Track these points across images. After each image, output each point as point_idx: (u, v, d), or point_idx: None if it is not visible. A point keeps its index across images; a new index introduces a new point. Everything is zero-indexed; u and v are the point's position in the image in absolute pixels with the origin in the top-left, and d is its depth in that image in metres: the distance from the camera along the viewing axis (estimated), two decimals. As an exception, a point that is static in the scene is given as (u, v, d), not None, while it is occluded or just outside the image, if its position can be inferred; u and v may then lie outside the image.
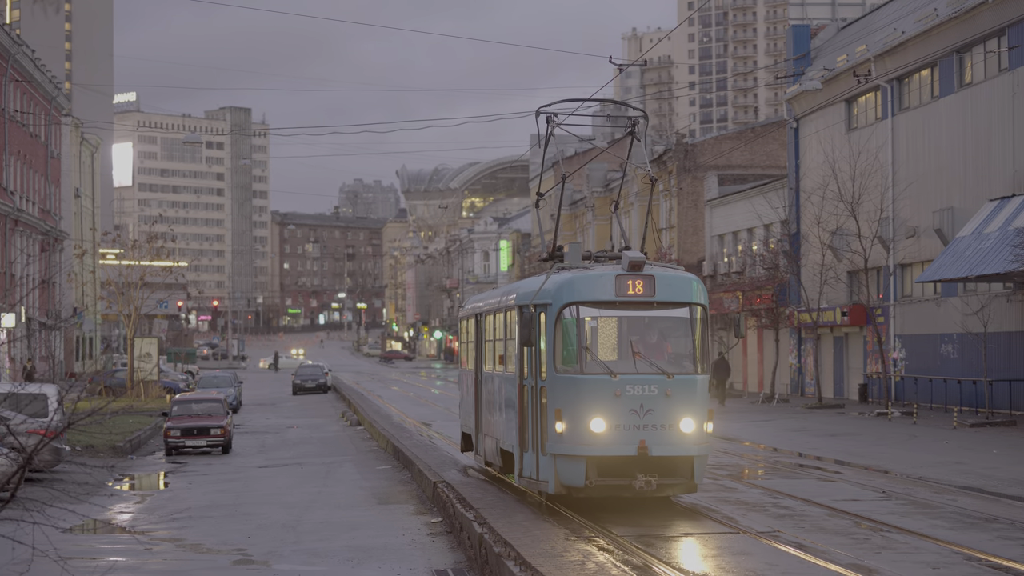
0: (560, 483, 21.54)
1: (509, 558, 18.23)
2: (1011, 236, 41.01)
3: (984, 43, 49.50)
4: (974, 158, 49.09)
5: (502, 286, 38.11)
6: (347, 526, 25.61)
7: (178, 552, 22.85)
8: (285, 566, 21.30)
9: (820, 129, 61.26)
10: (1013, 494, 25.60)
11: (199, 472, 37.23)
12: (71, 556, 17.83)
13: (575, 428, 21.14)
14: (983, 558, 18.39)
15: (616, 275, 21.91)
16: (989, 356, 45.89)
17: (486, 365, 27.92)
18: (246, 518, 27.07)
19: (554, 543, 19.61)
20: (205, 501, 30.41)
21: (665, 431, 21.17)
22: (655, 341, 22.42)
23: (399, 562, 21.23)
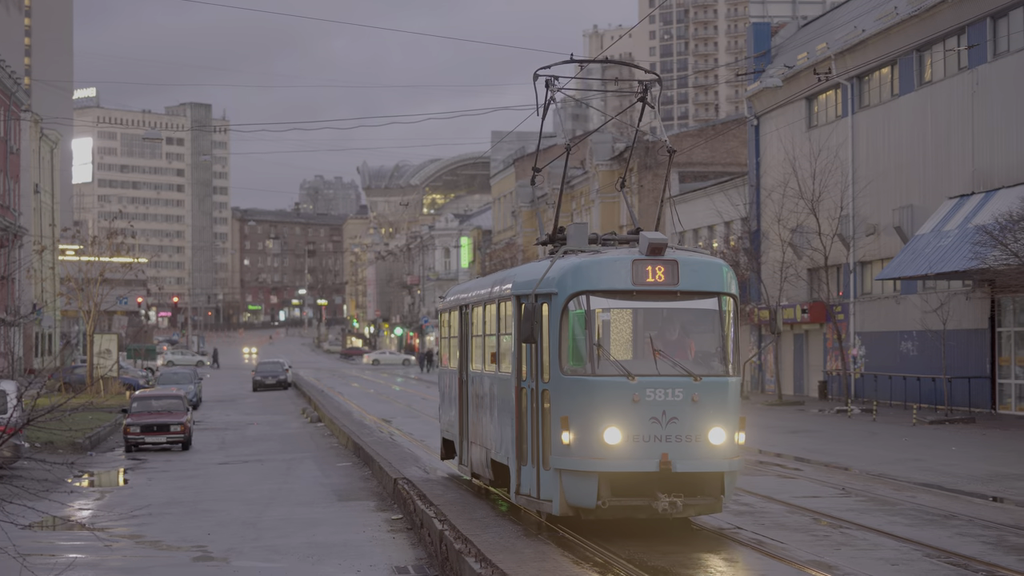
0: (567, 503, 18.38)
1: (470, 555, 18.24)
2: (970, 234, 41.22)
3: (944, 42, 49.74)
4: (934, 156, 49.35)
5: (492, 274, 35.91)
6: (307, 523, 25.57)
7: (138, 549, 22.76)
8: (245, 563, 21.27)
9: (780, 127, 61.46)
10: (971, 491, 25.74)
11: (159, 469, 37.10)
12: (30, 553, 17.77)
13: (585, 439, 18.02)
14: (942, 554, 18.53)
15: (633, 260, 18.59)
16: (948, 353, 46.14)
17: (473, 364, 24.43)
18: (206, 515, 27.00)
19: (514, 540, 19.62)
20: (165, 498, 30.28)
21: (691, 443, 18.01)
22: (679, 337, 19.08)
23: (359, 559, 21.20)
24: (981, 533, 20.68)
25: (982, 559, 18.09)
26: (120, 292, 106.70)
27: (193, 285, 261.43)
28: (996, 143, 45.34)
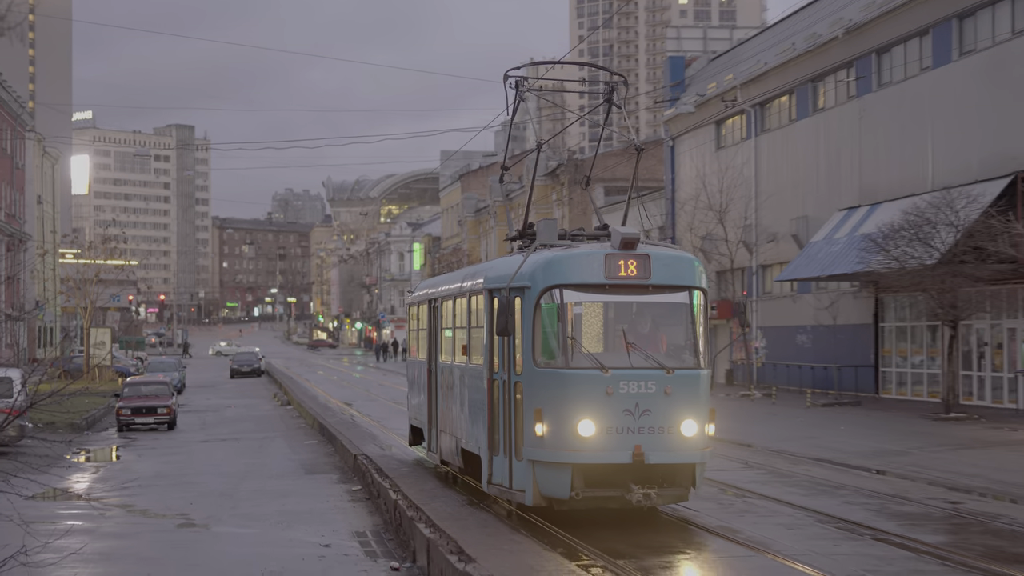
0: (540, 494, 16.74)
1: (420, 521, 18.20)
2: (857, 241, 41.52)
3: (835, 73, 50.09)
4: (826, 173, 49.68)
5: (461, 269, 33.90)
6: (278, 493, 25.46)
7: (129, 517, 22.63)
8: (223, 529, 21.16)
9: (693, 147, 61.67)
10: (858, 464, 25.92)
11: (147, 446, 36.88)
12: (33, 520, 17.63)
13: (559, 431, 16.28)
14: (831, 520, 18.64)
15: (606, 254, 16.89)
16: (837, 345, 46.47)
17: (442, 355, 22.36)
18: (189, 487, 26.85)
19: (459, 508, 19.61)
20: (152, 472, 30.15)
21: (664, 435, 16.35)
22: (651, 330, 17.28)
23: (324, 525, 21.12)
24: (866, 501, 20.83)
25: (866, 524, 18.22)
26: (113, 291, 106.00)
27: (178, 285, 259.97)
28: (880, 162, 45.68)
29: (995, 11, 40.14)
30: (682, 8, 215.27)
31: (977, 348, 41.22)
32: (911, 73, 44.79)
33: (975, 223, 36.06)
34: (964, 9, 41.25)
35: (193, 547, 19.62)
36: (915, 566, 15.26)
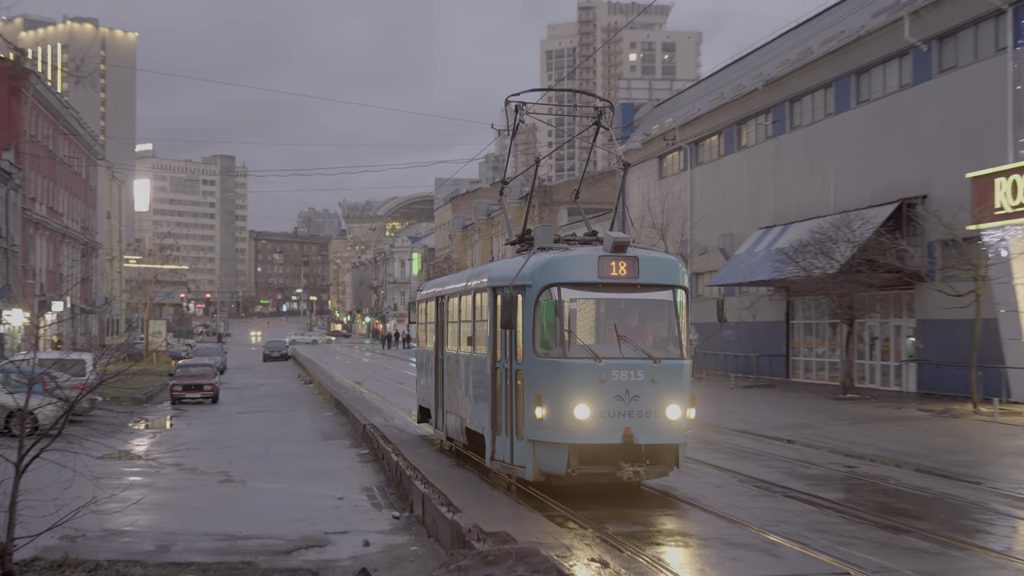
0: (539, 470, 15.71)
1: (417, 479, 18.18)
2: (773, 254, 41.67)
3: (755, 118, 50.25)
4: (748, 198, 49.79)
5: (464, 271, 32.29)
6: (301, 456, 25.45)
7: (179, 474, 22.62)
8: (256, 484, 21.16)
9: (640, 177, 61.67)
10: (772, 435, 25.97)
11: (195, 417, 36.83)
12: (102, 476, 17.56)
13: (557, 414, 15.27)
14: (751, 480, 18.68)
15: (599, 256, 15.89)
16: (756, 338, 46.56)
17: (448, 345, 21.03)
18: (229, 450, 26.84)
19: (448, 469, 19.66)
20: (199, 437, 30.13)
21: (651, 418, 15.34)
22: (639, 325, 16.30)
23: (338, 481, 21.11)
24: (779, 465, 20.87)
25: (779, 484, 18.28)
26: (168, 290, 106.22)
27: (220, 285, 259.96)
28: (791, 190, 45.82)
29: (885, 69, 40.37)
30: (632, 64, 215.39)
31: (869, 341, 41.41)
32: (817, 118, 44.97)
33: (868, 240, 36.23)
34: (861, 67, 41.47)
35: (232, 498, 19.64)
36: (818, 518, 15.31)
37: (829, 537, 13.78)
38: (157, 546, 14.73)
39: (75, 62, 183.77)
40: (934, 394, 35.73)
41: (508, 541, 13.08)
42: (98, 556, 13.10)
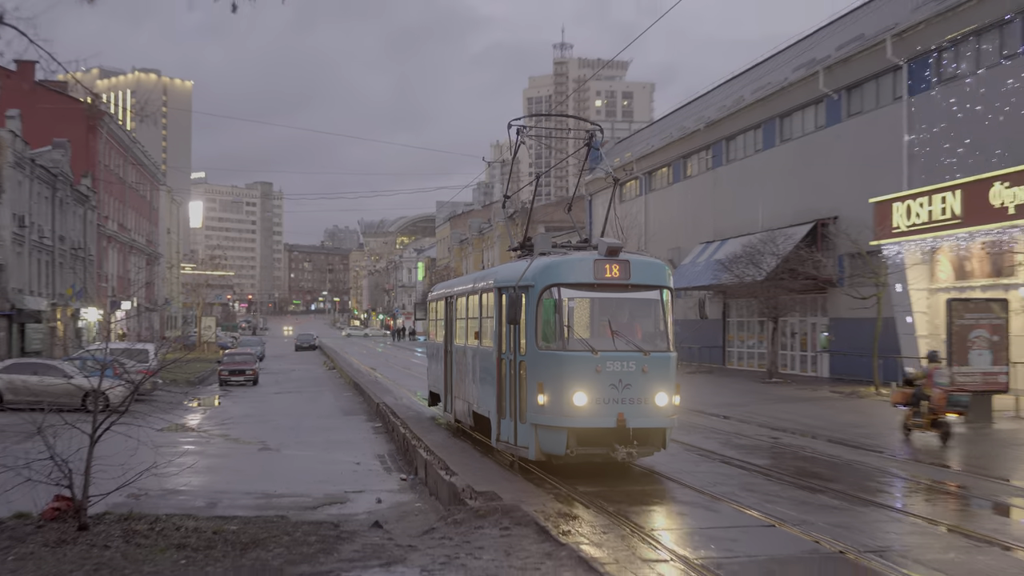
0: (541, 450, 14.62)
1: (420, 448, 18.15)
2: (712, 264, 41.73)
3: (698, 153, 50.32)
4: (692, 219, 49.83)
5: (470, 274, 29.35)
6: (326, 428, 25.40)
7: (225, 443, 22.54)
8: (289, 451, 21.11)
9: (603, 201, 61.71)
10: (714, 412, 25.96)
11: (239, 396, 36.70)
12: (161, 445, 17.50)
13: (557, 401, 14.22)
14: (695, 448, 18.67)
15: (595, 259, 14.87)
16: (699, 332, 46.55)
17: (456, 339, 19.82)
18: (266, 423, 26.75)
19: (447, 439, 19.59)
20: (242, 413, 30.02)
21: (641, 404, 14.31)
22: (630, 321, 15.25)
23: (356, 449, 21.07)
24: (717, 437, 20.86)
25: (717, 452, 18.28)
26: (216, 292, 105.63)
27: (260, 288, 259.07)
28: (727, 212, 45.90)
29: (804, 114, 40.51)
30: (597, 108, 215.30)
31: (790, 336, 41.47)
32: (748, 153, 45.06)
33: (789, 253, 36.33)
34: (783, 112, 41.62)
35: (269, 463, 19.56)
36: (749, 480, 15.31)
37: (758, 496, 13.78)
38: (207, 502, 14.67)
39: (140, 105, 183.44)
40: (843, 379, 35.85)
41: (495, 499, 13.07)
42: (158, 511, 13.03)
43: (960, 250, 30.84)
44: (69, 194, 56.56)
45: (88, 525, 11.38)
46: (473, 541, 11.06)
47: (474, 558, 10.23)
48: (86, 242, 61.04)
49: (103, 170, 66.27)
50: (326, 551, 10.93)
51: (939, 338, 30.22)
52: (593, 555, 10.08)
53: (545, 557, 10.07)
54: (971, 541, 10.95)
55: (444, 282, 22.25)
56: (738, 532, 11.61)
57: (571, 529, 11.45)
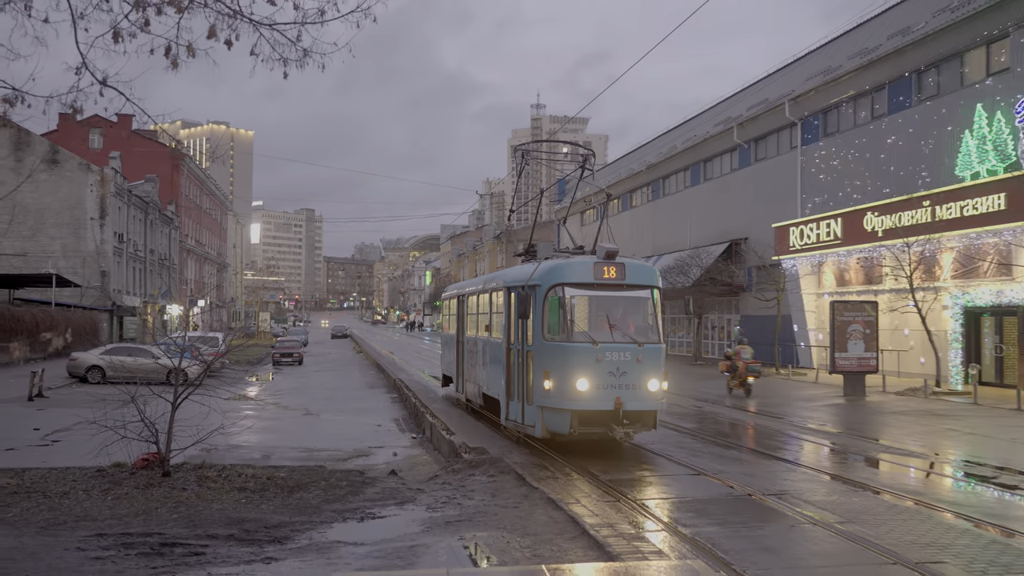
0: (546, 429, 13.11)
1: (427, 413, 18.07)
2: (651, 274, 41.73)
3: (641, 189, 50.31)
4: (637, 239, 49.79)
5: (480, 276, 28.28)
6: (355, 399, 25.25)
7: (277, 410, 22.35)
8: (327, 416, 20.97)
9: (570, 225, 61.65)
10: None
11: (287, 374, 36.46)
12: (227, 411, 17.36)
13: (562, 386, 12.70)
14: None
15: (595, 262, 13.46)
16: (641, 326, 46.49)
17: (468, 331, 18.18)
18: (309, 394, 26.58)
19: (449, 408, 19.50)
20: (289, 386, 29.81)
21: (636, 389, 12.77)
22: (625, 316, 13.58)
23: (377, 415, 20.96)
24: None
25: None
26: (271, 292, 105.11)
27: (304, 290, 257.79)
28: (663, 234, 45.95)
29: (721, 159, 40.62)
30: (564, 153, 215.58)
31: (711, 329, 41.52)
32: (680, 189, 45.10)
33: (711, 265, 36.38)
34: (706, 158, 41.71)
35: (311, 425, 19.43)
36: (679, 439, 15.26)
37: (686, 451, 13.75)
38: (262, 455, 14.54)
39: (213, 149, 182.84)
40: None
41: (485, 453, 13.01)
42: (224, 461, 12.91)
43: (841, 264, 31.01)
44: (157, 217, 56.26)
45: (170, 472, 11.28)
46: (467, 486, 11.01)
47: (468, 498, 10.19)
48: (170, 254, 60.69)
49: (184, 199, 65.94)
50: (354, 493, 10.86)
51: (824, 331, 30.38)
52: (559, 496, 10.04)
53: (522, 498, 10.03)
54: (849, 486, 10.95)
55: (455, 284, 20.43)
56: (670, 479, 11.58)
57: (543, 475, 11.40)
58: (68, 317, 37.81)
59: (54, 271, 39.19)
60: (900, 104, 28.34)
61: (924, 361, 26.42)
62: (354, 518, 9.45)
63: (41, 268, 41.04)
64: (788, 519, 9.08)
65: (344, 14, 6.91)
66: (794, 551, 7.90)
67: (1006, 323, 24.31)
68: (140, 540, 8.23)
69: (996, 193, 23.12)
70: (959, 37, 25.77)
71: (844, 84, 30.88)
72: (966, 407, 20.11)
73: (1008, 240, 23.02)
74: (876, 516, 9.18)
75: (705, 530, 8.45)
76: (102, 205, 44.87)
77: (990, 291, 23.30)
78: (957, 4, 26.39)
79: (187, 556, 7.71)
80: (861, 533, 8.38)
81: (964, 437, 15.61)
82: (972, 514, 9.33)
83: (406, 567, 7.38)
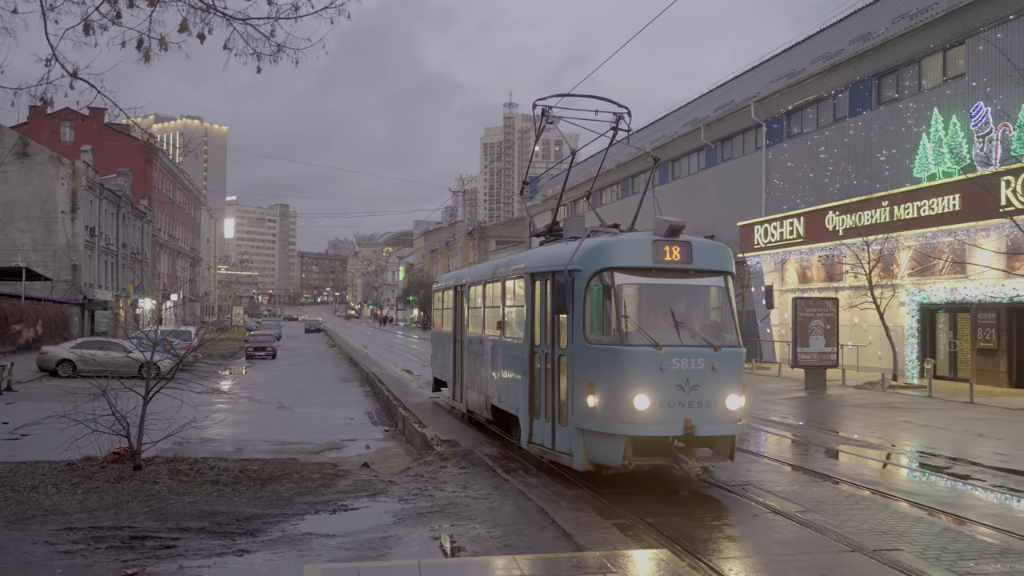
0: (589, 460, 9.64)
1: (400, 407, 18.00)
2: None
3: (610, 187, 50.53)
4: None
5: (487, 262, 19.46)
6: (328, 392, 25.10)
7: (250, 403, 22.15)
8: (299, 409, 20.81)
9: (542, 223, 61.69)
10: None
11: (260, 367, 36.15)
12: (199, 404, 17.16)
13: (613, 404, 9.30)
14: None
15: (654, 240, 9.84)
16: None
17: (470, 328, 14.53)
18: (281, 388, 26.37)
19: (421, 402, 19.43)
20: (262, 380, 29.55)
21: (712, 408, 9.37)
22: (693, 311, 10.04)
23: (350, 408, 20.86)
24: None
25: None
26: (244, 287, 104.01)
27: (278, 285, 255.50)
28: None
29: (689, 159, 40.93)
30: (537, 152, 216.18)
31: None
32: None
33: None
34: (674, 157, 41.98)
35: (284, 418, 19.26)
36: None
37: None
38: (234, 448, 14.40)
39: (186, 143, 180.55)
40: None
41: (456, 445, 12.99)
42: (196, 455, 12.76)
43: (803, 261, 31.41)
44: (130, 211, 55.40)
45: (141, 466, 11.12)
46: (439, 477, 10.98)
47: (439, 490, 10.16)
48: (143, 248, 59.84)
49: (157, 193, 65.06)
50: (326, 485, 10.78)
51: (787, 326, 30.76)
52: (531, 485, 10.04)
53: (493, 489, 10.03)
54: (810, 477, 11.08)
55: (451, 272, 17.55)
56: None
57: (513, 467, 11.40)
58: (38, 311, 37.13)
59: (24, 264, 38.47)
60: (861, 107, 28.74)
61: (882, 356, 26.87)
62: (326, 510, 9.39)
63: (11, 261, 40.27)
64: (751, 508, 9.16)
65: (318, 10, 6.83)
66: (756, 539, 7.99)
67: (959, 319, 24.80)
68: (110, 534, 8.10)
69: (951, 194, 23.55)
70: (917, 43, 26.19)
71: (807, 87, 31.24)
72: (921, 400, 20.47)
73: (962, 240, 23.47)
74: (835, 505, 9.30)
75: (672, 519, 8.51)
76: (73, 198, 44.10)
77: (945, 288, 23.75)
78: (916, 11, 26.82)
79: (158, 549, 7.61)
80: (821, 522, 8.49)
81: (919, 429, 15.89)
82: (927, 503, 9.50)
83: (378, 558, 7.35)
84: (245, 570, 7.03)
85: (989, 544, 7.86)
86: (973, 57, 24.19)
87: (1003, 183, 21.31)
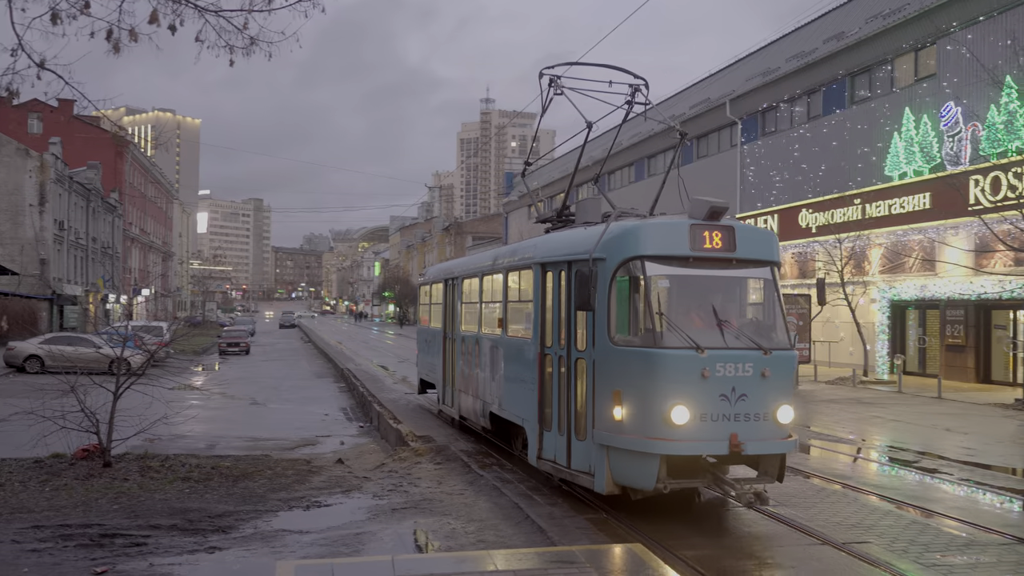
0: (614, 481, 8.15)
1: (375, 403, 17.96)
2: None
3: (588, 183, 50.60)
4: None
5: (486, 251, 13.70)
6: (302, 388, 24.97)
7: (223, 399, 21.98)
8: (273, 405, 20.70)
9: (517, 219, 61.83)
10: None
11: (234, 363, 35.84)
12: (171, 400, 16.95)
13: (645, 416, 7.78)
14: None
15: (691, 224, 8.27)
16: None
17: (464, 326, 12.85)
18: (255, 383, 26.18)
19: (397, 397, 19.38)
20: (236, 376, 29.31)
21: (761, 422, 7.91)
22: (737, 307, 8.59)
23: (325, 404, 20.77)
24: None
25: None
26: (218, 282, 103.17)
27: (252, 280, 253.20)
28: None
29: (665, 155, 41.17)
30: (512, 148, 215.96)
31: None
32: (624, 184, 45.55)
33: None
34: (650, 154, 42.24)
35: (257, 415, 19.15)
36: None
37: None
38: (207, 444, 14.29)
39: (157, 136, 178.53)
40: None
41: (431, 441, 12.98)
42: (167, 452, 12.65)
43: (776, 258, 31.70)
44: (100, 204, 54.63)
45: (111, 463, 11.00)
46: (414, 473, 10.98)
47: (414, 486, 10.16)
48: (114, 242, 59.07)
49: (128, 186, 64.19)
50: (300, 481, 10.73)
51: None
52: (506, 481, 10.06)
53: (468, 485, 10.04)
54: (781, 471, 11.21)
55: (441, 264, 16.02)
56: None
57: (488, 463, 11.41)
58: (5, 305, 36.55)
59: (-9, 258, 37.81)
60: (834, 106, 29.06)
61: (853, 352, 27.22)
62: (300, 506, 9.35)
63: (-23, 255, 39.54)
64: (723, 502, 9.26)
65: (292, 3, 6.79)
66: (729, 533, 8.07)
67: (929, 316, 25.20)
68: (79, 531, 8.01)
69: (922, 193, 23.90)
70: (890, 43, 26.52)
71: (782, 85, 31.53)
72: (891, 395, 20.79)
73: (932, 237, 23.83)
74: (806, 499, 9.43)
75: (645, 513, 8.57)
76: (41, 191, 43.41)
77: (915, 286, 24.11)
78: (888, 12, 27.15)
79: (128, 547, 7.53)
80: (791, 515, 8.60)
81: (889, 424, 16.13)
82: (895, 496, 9.66)
83: (352, 554, 7.33)
84: (217, 567, 6.99)
85: (955, 536, 8.01)
86: (944, 58, 24.55)
87: (972, 182, 21.67)
